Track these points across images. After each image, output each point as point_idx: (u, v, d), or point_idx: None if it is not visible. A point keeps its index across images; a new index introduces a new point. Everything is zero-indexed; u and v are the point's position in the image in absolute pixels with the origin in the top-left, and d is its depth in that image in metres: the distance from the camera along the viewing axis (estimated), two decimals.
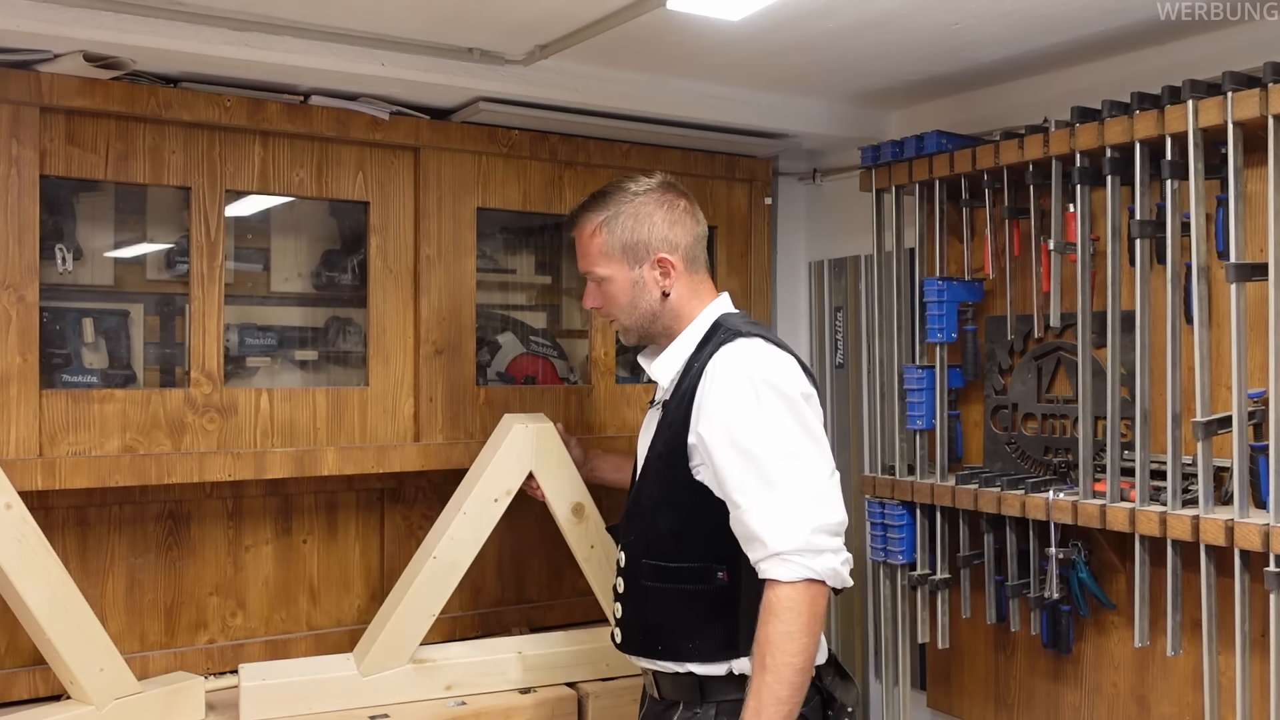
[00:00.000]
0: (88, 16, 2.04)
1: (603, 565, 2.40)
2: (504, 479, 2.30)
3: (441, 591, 2.29)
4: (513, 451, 2.29)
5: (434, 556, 2.26)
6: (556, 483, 2.35)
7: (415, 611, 2.28)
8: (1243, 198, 2.05)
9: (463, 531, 2.28)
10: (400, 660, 2.27)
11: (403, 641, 2.28)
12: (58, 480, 2.20)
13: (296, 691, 2.21)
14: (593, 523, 2.39)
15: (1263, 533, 1.97)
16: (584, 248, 1.97)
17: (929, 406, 2.64)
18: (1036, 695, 2.63)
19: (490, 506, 2.29)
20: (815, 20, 2.19)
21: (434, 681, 2.31)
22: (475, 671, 2.35)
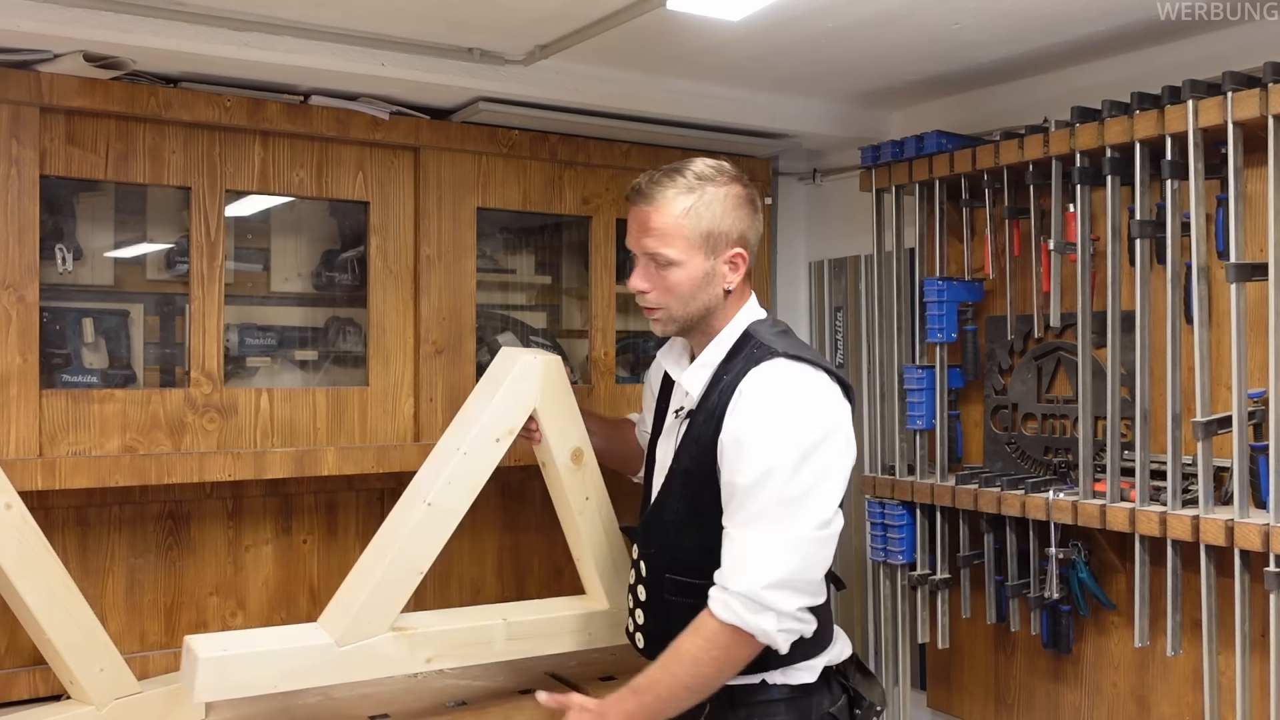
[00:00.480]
0: (88, 16, 2.04)
1: (594, 522, 2.19)
2: (507, 416, 2.01)
3: (433, 545, 2.00)
4: (518, 387, 2.01)
5: (428, 503, 1.94)
6: (559, 423, 2.08)
7: (403, 568, 1.96)
8: (1243, 198, 2.05)
9: (462, 475, 1.97)
10: (381, 626, 1.95)
11: (387, 604, 1.97)
12: (58, 480, 2.20)
13: (262, 665, 1.86)
14: (590, 472, 2.13)
15: (1263, 533, 1.97)
16: (662, 226, 1.78)
17: (929, 406, 2.64)
18: (1036, 695, 2.63)
19: (491, 448, 1.99)
20: (815, 20, 2.19)
21: (414, 653, 2.01)
22: (458, 641, 2.07)
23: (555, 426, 2.06)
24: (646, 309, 1.85)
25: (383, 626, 1.94)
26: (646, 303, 1.83)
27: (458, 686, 2.44)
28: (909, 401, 2.67)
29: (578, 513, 2.13)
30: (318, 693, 2.40)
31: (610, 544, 2.17)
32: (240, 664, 1.82)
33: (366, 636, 1.92)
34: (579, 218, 2.90)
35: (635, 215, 1.81)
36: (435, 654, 1.98)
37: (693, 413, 1.80)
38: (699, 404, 1.79)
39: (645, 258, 1.80)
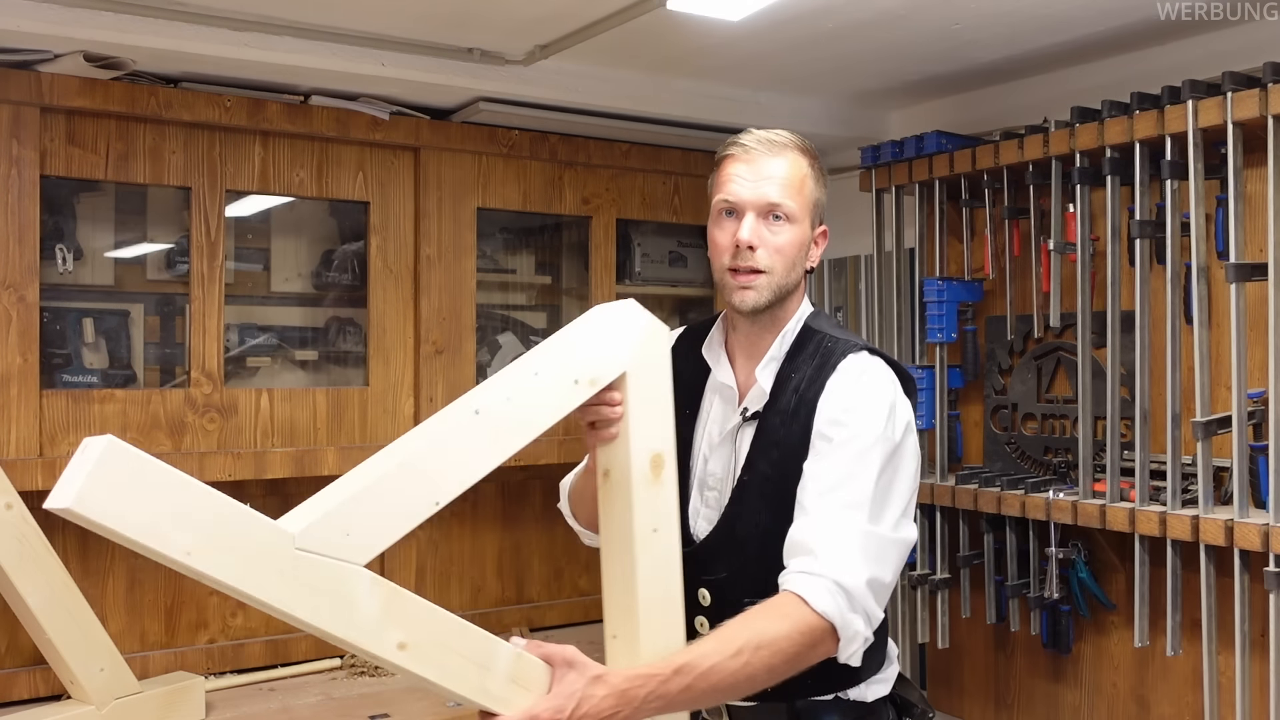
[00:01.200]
0: (88, 17, 2.04)
1: (657, 563, 1.47)
2: (595, 363, 1.43)
3: (467, 467, 1.31)
4: (616, 336, 1.46)
5: (475, 411, 1.34)
6: (645, 409, 1.47)
7: (415, 482, 1.29)
8: (1242, 198, 2.05)
9: (527, 397, 1.37)
10: (358, 552, 1.23)
11: (376, 525, 1.26)
12: (58, 480, 2.20)
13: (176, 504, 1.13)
14: (667, 492, 1.48)
15: (1262, 533, 1.97)
16: (787, 177, 1.59)
17: (929, 406, 2.63)
18: (1036, 695, 2.63)
19: (566, 387, 1.41)
20: (815, 20, 2.19)
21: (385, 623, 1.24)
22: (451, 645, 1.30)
23: (640, 411, 1.47)
24: (746, 272, 1.58)
25: (362, 554, 1.24)
26: (753, 262, 1.57)
27: None
28: None
29: (639, 547, 1.44)
30: (318, 692, 2.40)
31: (666, 594, 1.47)
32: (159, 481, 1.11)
33: (334, 554, 1.22)
34: (579, 218, 2.90)
35: (755, 164, 1.60)
36: (412, 641, 1.26)
37: (763, 413, 1.60)
38: (771, 403, 1.60)
39: (758, 213, 1.58)
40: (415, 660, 1.26)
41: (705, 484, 1.67)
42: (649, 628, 1.43)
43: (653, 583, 1.44)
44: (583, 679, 1.29)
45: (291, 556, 1.20)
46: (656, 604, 1.44)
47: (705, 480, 1.67)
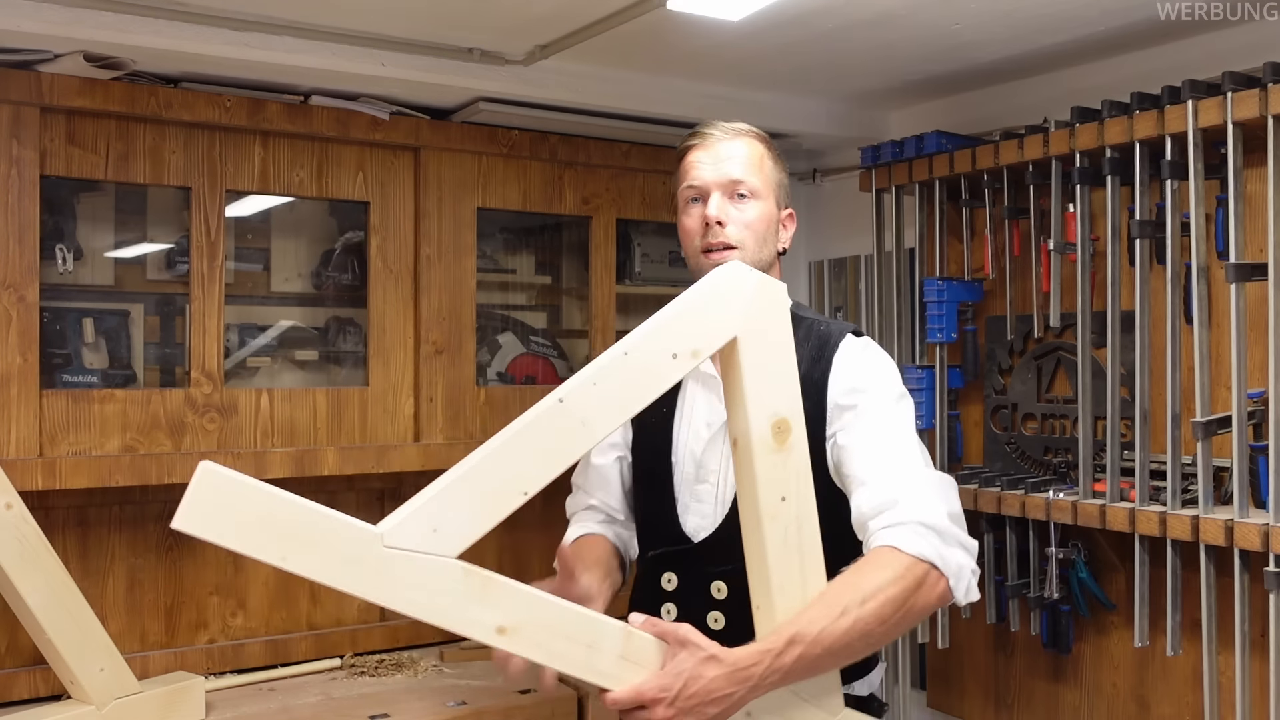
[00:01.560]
0: (88, 16, 2.04)
1: (788, 534, 1.40)
2: (696, 333, 1.37)
3: (552, 457, 1.33)
4: (721, 302, 1.39)
5: (559, 400, 1.33)
6: (762, 374, 1.40)
7: (499, 474, 1.30)
8: (1242, 198, 2.05)
9: (615, 380, 1.34)
10: (447, 544, 1.28)
11: (462, 515, 1.29)
12: (58, 480, 2.20)
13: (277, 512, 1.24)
14: (797, 458, 1.40)
15: (1262, 533, 1.97)
16: (746, 156, 1.68)
17: (929, 406, 2.64)
18: (1036, 695, 2.63)
19: (663, 363, 1.36)
20: (815, 20, 2.19)
21: (485, 607, 1.29)
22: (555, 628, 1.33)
23: (756, 375, 1.40)
24: (719, 249, 1.64)
25: (451, 546, 1.29)
26: (723, 237, 1.64)
27: (457, 686, 2.44)
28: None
29: (766, 518, 1.39)
30: (318, 692, 2.40)
31: (808, 580, 1.42)
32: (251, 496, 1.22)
33: (424, 549, 1.28)
34: (579, 218, 2.90)
35: (713, 149, 1.69)
36: (513, 624, 1.31)
37: None
38: None
39: (723, 192, 1.67)
40: (517, 643, 1.30)
41: (696, 479, 1.67)
42: (784, 599, 1.39)
43: (785, 553, 1.39)
44: (694, 659, 1.29)
45: (381, 555, 1.25)
46: (792, 574, 1.39)
47: (697, 475, 1.67)
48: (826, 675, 1.40)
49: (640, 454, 1.75)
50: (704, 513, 1.66)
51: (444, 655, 2.65)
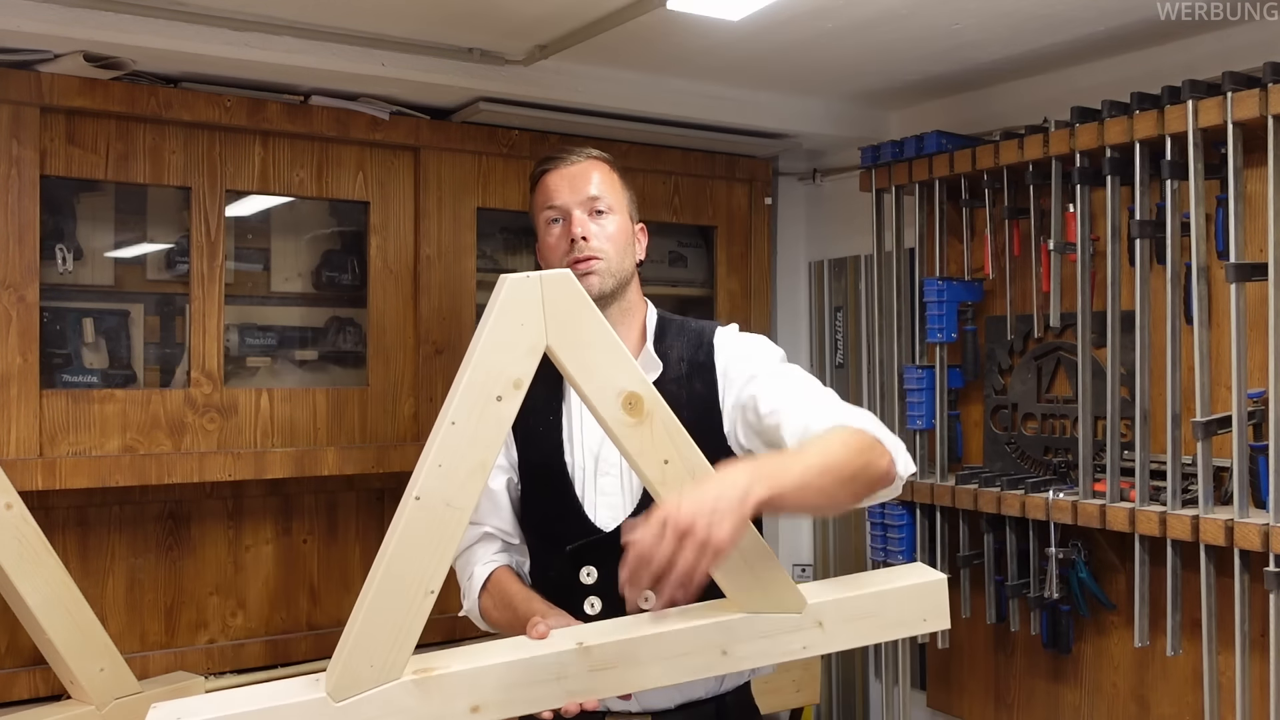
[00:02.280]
0: (88, 16, 2.04)
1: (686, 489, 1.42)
2: (506, 364, 1.38)
3: (436, 553, 1.37)
4: (513, 319, 1.39)
5: (416, 497, 1.36)
6: (589, 362, 1.41)
7: (401, 588, 1.35)
8: (1242, 198, 2.05)
9: (455, 454, 1.36)
10: (389, 670, 1.36)
11: (390, 639, 1.35)
12: (58, 480, 2.20)
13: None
14: (659, 422, 1.41)
15: (1262, 533, 1.97)
16: (593, 177, 1.78)
17: (929, 406, 2.64)
18: (1036, 695, 2.63)
19: (491, 410, 1.37)
20: (815, 20, 2.19)
21: (450, 704, 1.36)
22: (513, 680, 1.39)
23: (584, 367, 1.41)
24: (585, 260, 1.73)
25: (392, 671, 1.35)
26: (588, 250, 1.73)
27: None
28: (909, 401, 2.67)
29: (659, 484, 1.42)
30: None
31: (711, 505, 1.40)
32: (200, 715, 1.31)
33: (369, 685, 1.34)
34: None
35: (564, 173, 1.79)
36: (482, 701, 1.36)
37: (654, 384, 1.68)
38: (662, 374, 1.72)
39: (583, 209, 1.76)
40: (493, 713, 1.37)
41: (598, 473, 1.71)
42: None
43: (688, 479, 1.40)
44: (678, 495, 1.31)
45: (336, 712, 1.31)
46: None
47: (597, 469, 1.71)
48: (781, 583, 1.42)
49: (530, 464, 1.77)
50: (613, 504, 1.70)
51: None
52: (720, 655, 1.43)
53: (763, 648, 1.44)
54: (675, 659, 1.44)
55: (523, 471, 1.78)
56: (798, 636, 1.44)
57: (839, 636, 1.46)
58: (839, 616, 1.46)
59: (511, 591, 1.72)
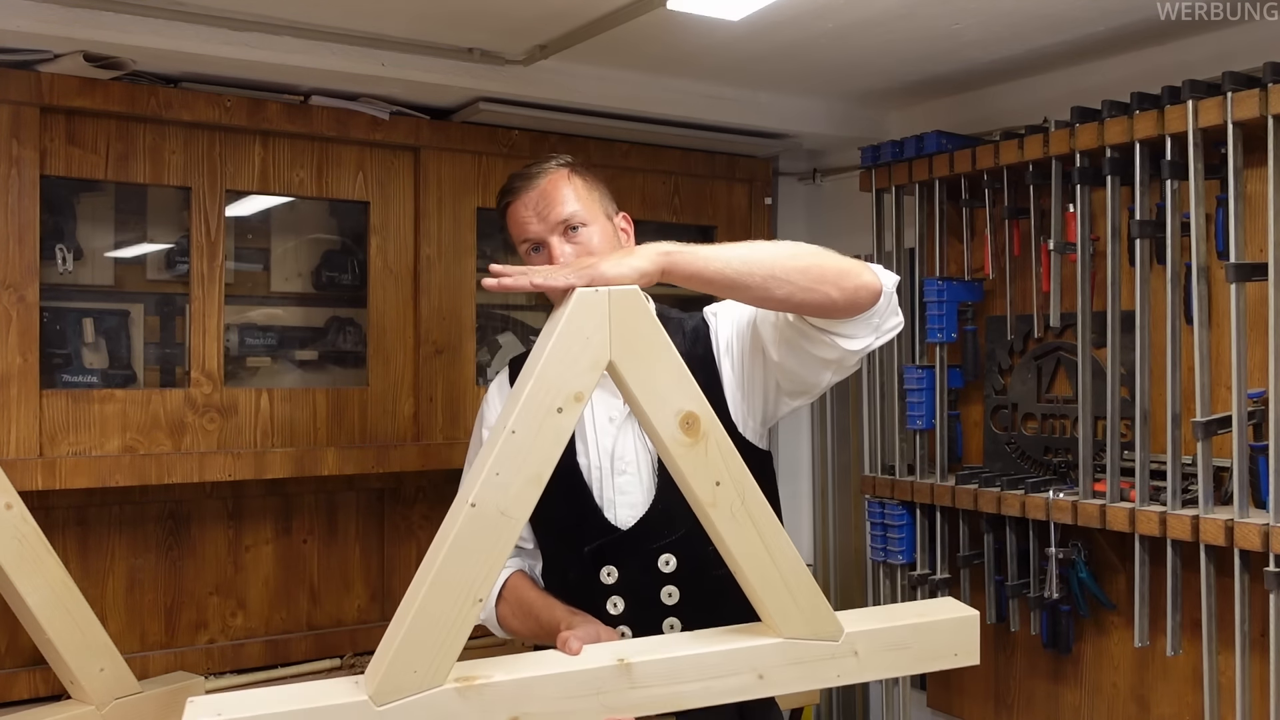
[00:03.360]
0: (88, 16, 2.04)
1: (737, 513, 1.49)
2: (569, 377, 1.40)
3: (487, 562, 1.40)
4: (578, 334, 1.41)
5: (471, 504, 1.39)
6: (650, 379, 1.43)
7: (450, 596, 1.37)
8: (1242, 198, 2.05)
9: (513, 463, 1.39)
10: (433, 677, 1.38)
11: (435, 646, 1.38)
12: (58, 480, 2.20)
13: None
14: (714, 444, 1.44)
15: (1262, 533, 1.97)
16: (557, 194, 1.73)
17: (929, 406, 2.64)
18: (1036, 695, 2.63)
19: (551, 421, 1.40)
20: (815, 20, 2.19)
21: (489, 714, 1.39)
22: (554, 693, 1.41)
23: (645, 384, 1.44)
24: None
25: (436, 677, 1.37)
26: None
27: None
28: (909, 401, 2.67)
29: (708, 505, 1.44)
30: None
31: (767, 540, 1.47)
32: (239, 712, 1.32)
33: (413, 691, 1.37)
34: None
35: (527, 200, 1.76)
36: (522, 713, 1.40)
37: None
38: None
39: (558, 234, 1.74)
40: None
41: (615, 472, 1.71)
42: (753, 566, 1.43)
43: (738, 528, 1.43)
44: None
45: (378, 716, 1.31)
46: (752, 544, 1.43)
47: (614, 467, 1.71)
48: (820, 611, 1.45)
49: None
50: (632, 503, 1.70)
51: None
52: (756, 679, 1.45)
53: (799, 674, 1.46)
54: (712, 680, 1.45)
55: None
56: (833, 665, 1.46)
57: (873, 666, 1.48)
58: (874, 646, 1.48)
59: (530, 598, 1.73)
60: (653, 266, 1.40)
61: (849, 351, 1.56)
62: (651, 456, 1.72)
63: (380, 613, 2.71)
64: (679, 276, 1.44)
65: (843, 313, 1.51)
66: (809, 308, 1.50)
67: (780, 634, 1.45)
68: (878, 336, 1.57)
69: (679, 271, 1.43)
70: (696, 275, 1.44)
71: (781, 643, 1.45)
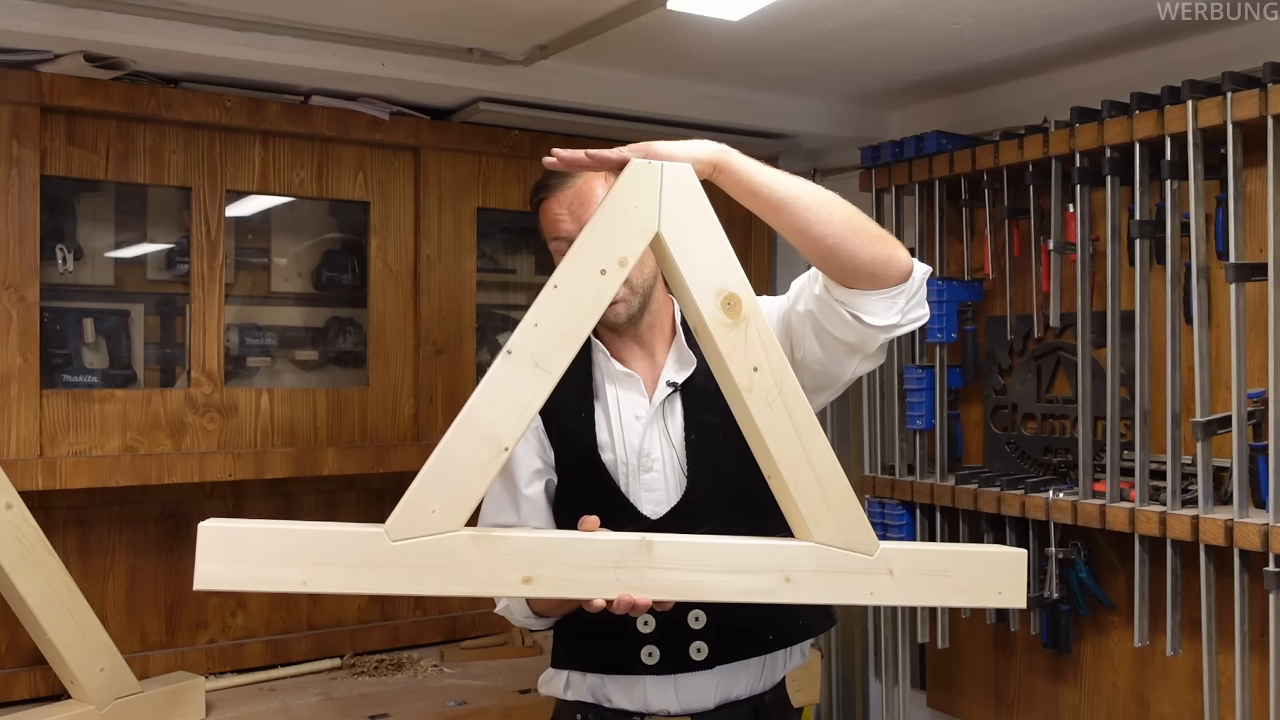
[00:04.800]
0: (88, 17, 2.04)
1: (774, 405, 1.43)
2: (615, 240, 1.39)
3: (515, 409, 1.37)
4: (628, 200, 1.40)
5: (508, 351, 1.37)
6: (695, 256, 1.41)
7: (474, 438, 1.35)
8: (1242, 198, 2.06)
9: (552, 315, 1.38)
10: (449, 520, 1.34)
11: (454, 488, 1.35)
12: (58, 480, 2.20)
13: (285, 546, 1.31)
14: (756, 329, 1.40)
15: (1262, 533, 1.97)
16: (592, 195, 1.70)
17: (929, 406, 2.64)
18: (1036, 695, 2.63)
19: (593, 281, 1.39)
20: (815, 20, 2.19)
21: (501, 568, 1.35)
22: (572, 560, 1.38)
23: (688, 261, 1.41)
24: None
25: (453, 521, 1.35)
26: None
27: (457, 686, 2.45)
28: (909, 401, 2.67)
29: (744, 390, 1.39)
30: (318, 691, 2.40)
31: (804, 437, 1.40)
32: (254, 539, 1.30)
33: (427, 531, 1.34)
34: None
35: (563, 198, 1.73)
36: (536, 574, 1.36)
37: (683, 385, 1.71)
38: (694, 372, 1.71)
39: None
40: (545, 587, 1.36)
41: (641, 467, 1.70)
42: (787, 462, 1.39)
43: (773, 418, 1.38)
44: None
45: (392, 550, 1.31)
46: (786, 436, 1.39)
47: (641, 464, 1.70)
48: (856, 520, 1.40)
49: (568, 462, 1.75)
50: (658, 499, 1.68)
51: (444, 655, 2.65)
52: (783, 581, 1.39)
53: (828, 583, 1.39)
54: (737, 574, 1.40)
55: (562, 469, 1.75)
56: (866, 580, 1.40)
57: (908, 590, 1.41)
58: (911, 568, 1.41)
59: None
60: (707, 156, 1.41)
61: (871, 329, 1.54)
62: (678, 454, 1.70)
63: (380, 613, 2.71)
64: (729, 176, 1.43)
65: (867, 280, 1.50)
66: (839, 256, 1.49)
67: (812, 538, 1.39)
68: (902, 319, 1.55)
69: (731, 169, 1.42)
70: (748, 180, 1.44)
71: (813, 546, 1.39)
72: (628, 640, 1.63)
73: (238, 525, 1.30)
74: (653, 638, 1.63)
